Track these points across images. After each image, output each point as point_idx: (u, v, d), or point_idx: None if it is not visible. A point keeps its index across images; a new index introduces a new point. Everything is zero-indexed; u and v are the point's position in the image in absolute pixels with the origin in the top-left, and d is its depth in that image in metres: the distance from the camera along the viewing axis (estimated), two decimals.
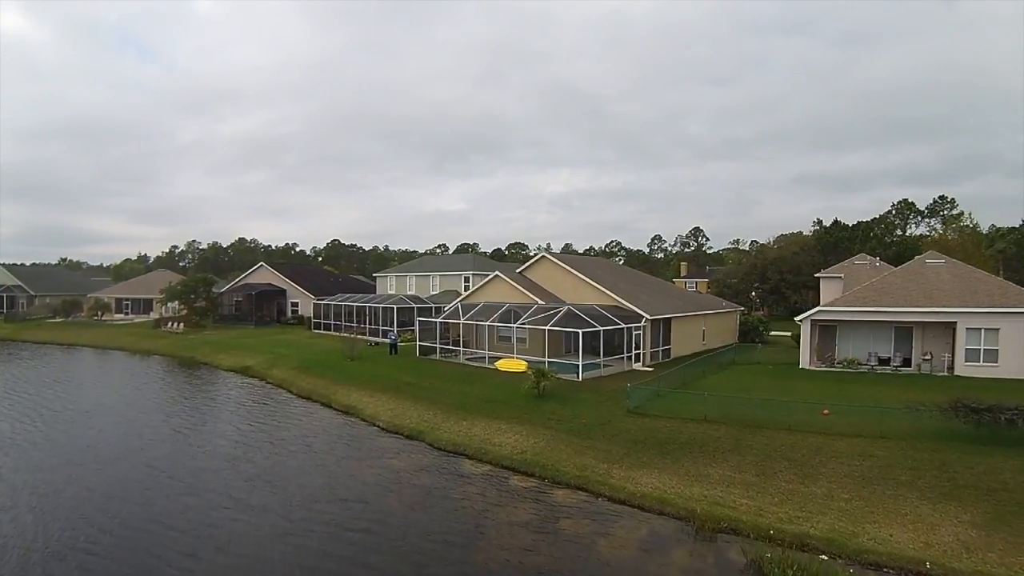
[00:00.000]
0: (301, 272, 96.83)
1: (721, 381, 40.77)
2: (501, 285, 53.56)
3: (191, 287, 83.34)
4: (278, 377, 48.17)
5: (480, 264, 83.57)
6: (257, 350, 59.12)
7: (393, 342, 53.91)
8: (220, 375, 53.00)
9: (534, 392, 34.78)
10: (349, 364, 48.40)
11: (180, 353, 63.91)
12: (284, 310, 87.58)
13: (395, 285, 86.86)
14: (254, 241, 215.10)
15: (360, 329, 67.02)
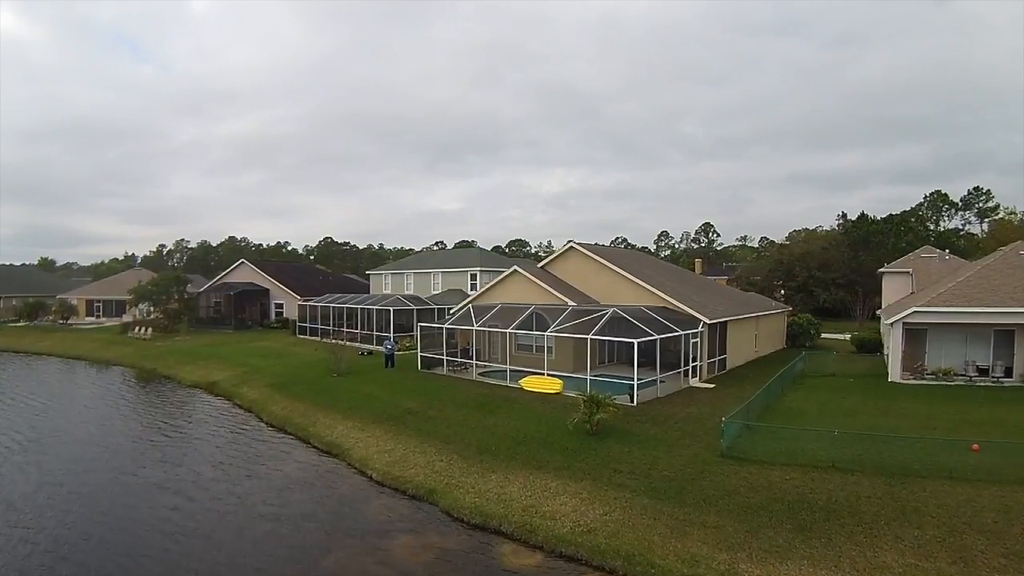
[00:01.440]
0: (286, 270, 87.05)
1: (808, 402, 31.83)
2: (521, 283, 43.74)
3: (162, 287, 73.37)
4: (248, 398, 38.49)
5: (488, 260, 73.60)
6: (229, 360, 49.87)
7: (389, 352, 44.10)
8: (180, 393, 43.39)
9: (585, 427, 25.15)
10: (335, 381, 38.73)
11: (142, 364, 54.48)
12: (268, 312, 78.09)
13: (391, 284, 76.91)
14: (244, 240, 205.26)
15: (351, 335, 58.01)
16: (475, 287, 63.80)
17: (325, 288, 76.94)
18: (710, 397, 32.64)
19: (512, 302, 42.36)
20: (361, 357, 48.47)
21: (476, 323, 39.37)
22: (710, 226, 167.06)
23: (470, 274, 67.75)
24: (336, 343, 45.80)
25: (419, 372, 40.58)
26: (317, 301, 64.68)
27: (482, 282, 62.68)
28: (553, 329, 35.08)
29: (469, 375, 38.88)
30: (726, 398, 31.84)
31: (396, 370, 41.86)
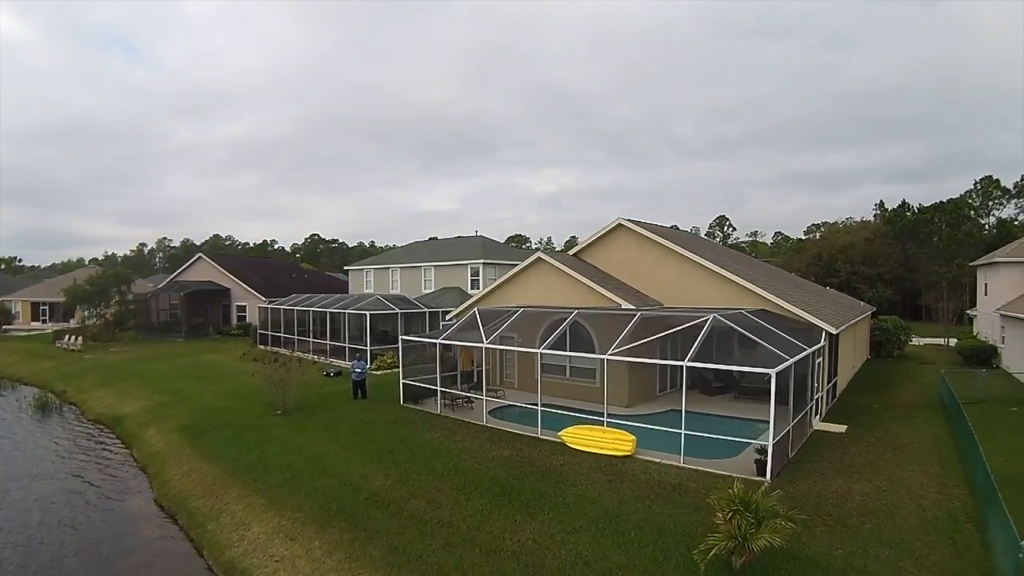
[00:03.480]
0: (252, 266, 73.84)
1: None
2: (548, 276, 30.63)
3: (98, 287, 60.14)
4: (149, 448, 25.81)
5: (493, 251, 59.25)
6: (155, 383, 37.48)
7: (359, 379, 30.31)
8: (73, 432, 31.07)
9: (728, 562, 12.28)
10: (276, 424, 25.62)
11: (54, 384, 42.26)
12: (230, 315, 65.19)
13: (374, 282, 62.69)
14: (230, 238, 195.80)
15: (318, 346, 45.12)
16: (477, 284, 51.10)
17: (297, 287, 64.09)
18: (863, 453, 20.28)
19: (537, 304, 29.60)
20: (327, 379, 35.83)
21: (486, 335, 26.02)
22: (725, 219, 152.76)
23: (470, 268, 53.81)
24: (292, 359, 31.18)
25: (401, 408, 27.33)
26: (280, 303, 51.50)
27: (486, 278, 50.18)
28: (618, 349, 21.73)
29: (476, 415, 25.41)
30: (883, 452, 20.48)
31: (368, 403, 28.66)
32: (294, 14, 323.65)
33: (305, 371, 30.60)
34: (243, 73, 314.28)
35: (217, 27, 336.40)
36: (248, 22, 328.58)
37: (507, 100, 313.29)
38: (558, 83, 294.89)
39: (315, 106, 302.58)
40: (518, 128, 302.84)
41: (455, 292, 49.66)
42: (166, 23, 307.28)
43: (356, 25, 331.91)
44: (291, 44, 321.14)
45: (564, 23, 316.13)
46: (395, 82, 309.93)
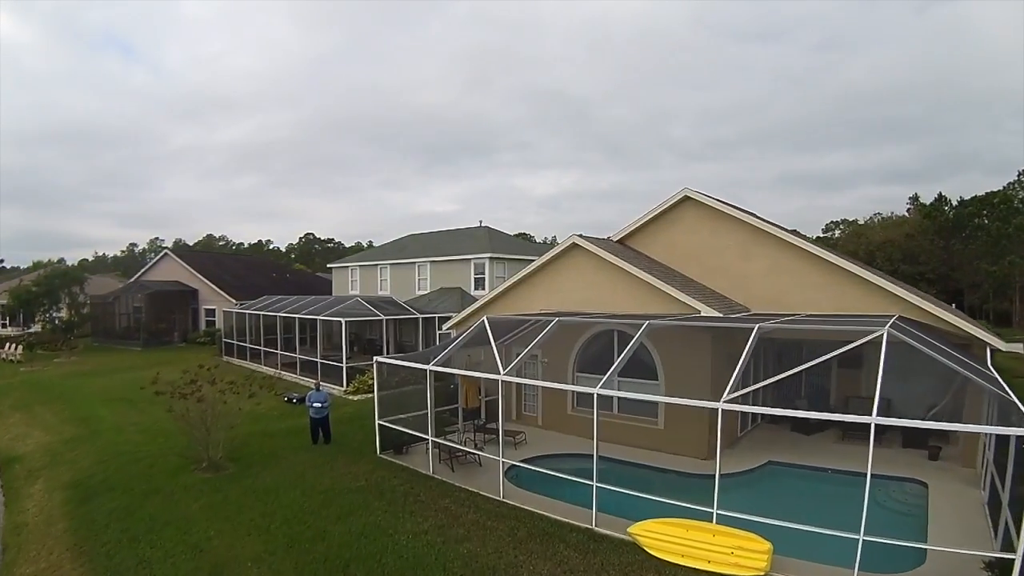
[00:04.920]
0: (225, 264, 65.60)
1: None
2: (584, 269, 22.34)
3: (46, 287, 52.02)
4: (23, 512, 17.82)
5: (502, 243, 49.17)
6: (77, 408, 30.05)
7: (319, 416, 21.65)
8: None
9: None
10: (192, 487, 17.28)
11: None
12: (198, 320, 57.07)
13: (360, 281, 53.53)
14: (223, 238, 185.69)
15: (287, 360, 36.95)
16: (483, 284, 42.14)
17: (281, 290, 55.77)
18: None
19: (571, 311, 21.51)
20: (285, 405, 27.71)
21: (503, 359, 17.66)
22: None
23: (474, 264, 44.04)
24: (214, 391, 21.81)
25: (376, 462, 18.96)
26: (246, 308, 43.21)
27: (493, 276, 41.68)
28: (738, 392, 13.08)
29: (487, 478, 16.79)
30: None
31: (331, 452, 20.28)
32: (293, 17, 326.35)
33: (261, 395, 22.21)
34: (242, 76, 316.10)
35: (216, 30, 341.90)
36: (247, 25, 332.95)
37: (506, 102, 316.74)
38: (556, 85, 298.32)
39: (313, 108, 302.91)
40: (517, 130, 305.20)
41: (455, 294, 41.05)
42: (164, 26, 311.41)
43: (355, 28, 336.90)
44: (290, 47, 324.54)
45: (562, 26, 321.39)
46: (393, 84, 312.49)
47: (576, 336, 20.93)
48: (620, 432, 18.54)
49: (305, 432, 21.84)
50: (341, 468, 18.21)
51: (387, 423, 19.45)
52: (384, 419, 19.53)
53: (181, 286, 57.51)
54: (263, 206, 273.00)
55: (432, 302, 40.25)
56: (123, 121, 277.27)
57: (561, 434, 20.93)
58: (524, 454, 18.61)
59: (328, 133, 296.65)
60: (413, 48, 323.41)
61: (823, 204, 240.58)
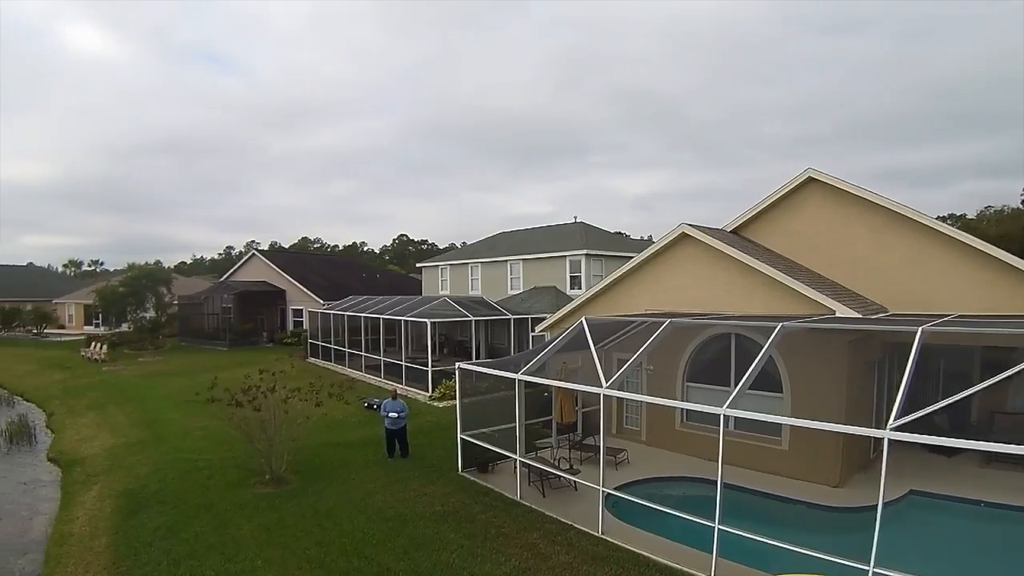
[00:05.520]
0: (312, 264, 65.48)
1: None
2: (695, 263, 19.68)
3: (132, 288, 52.62)
4: (72, 521, 16.37)
5: (598, 239, 45.76)
6: (148, 411, 29.86)
7: (395, 428, 19.65)
8: (13, 481, 21.94)
9: None
10: (247, 505, 15.53)
11: (50, 402, 34.81)
12: (286, 321, 56.73)
13: (450, 280, 51.60)
14: (318, 240, 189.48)
15: (371, 363, 35.49)
16: (578, 283, 39.44)
17: (364, 290, 54.69)
18: None
19: (685, 312, 18.98)
20: (364, 412, 26.15)
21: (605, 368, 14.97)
22: None
23: (569, 262, 41.24)
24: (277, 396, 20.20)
25: (456, 482, 16.87)
26: (331, 307, 42.16)
27: (589, 275, 38.98)
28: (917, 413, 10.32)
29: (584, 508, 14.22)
30: None
31: (407, 468, 18.31)
32: (382, 25, 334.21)
33: (331, 403, 20.02)
34: (335, 84, 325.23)
35: (307, 41, 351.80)
36: (337, 34, 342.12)
37: (594, 103, 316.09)
38: (643, 84, 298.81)
39: (406, 114, 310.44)
40: (607, 130, 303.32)
41: (549, 293, 38.75)
42: (255, 39, 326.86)
43: (442, 33, 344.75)
44: (380, 54, 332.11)
45: (644, 24, 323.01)
46: (482, 88, 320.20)
47: (686, 340, 18.34)
48: (735, 452, 15.80)
49: (381, 443, 19.93)
50: (416, 488, 16.16)
51: (470, 438, 17.25)
52: (467, 433, 17.34)
53: (268, 286, 57.40)
54: (358, 210, 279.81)
55: (525, 302, 38.16)
56: (220, 131, 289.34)
57: (668, 452, 18.39)
58: (626, 476, 16.18)
59: (421, 138, 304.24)
60: (500, 52, 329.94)
61: (922, 200, 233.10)
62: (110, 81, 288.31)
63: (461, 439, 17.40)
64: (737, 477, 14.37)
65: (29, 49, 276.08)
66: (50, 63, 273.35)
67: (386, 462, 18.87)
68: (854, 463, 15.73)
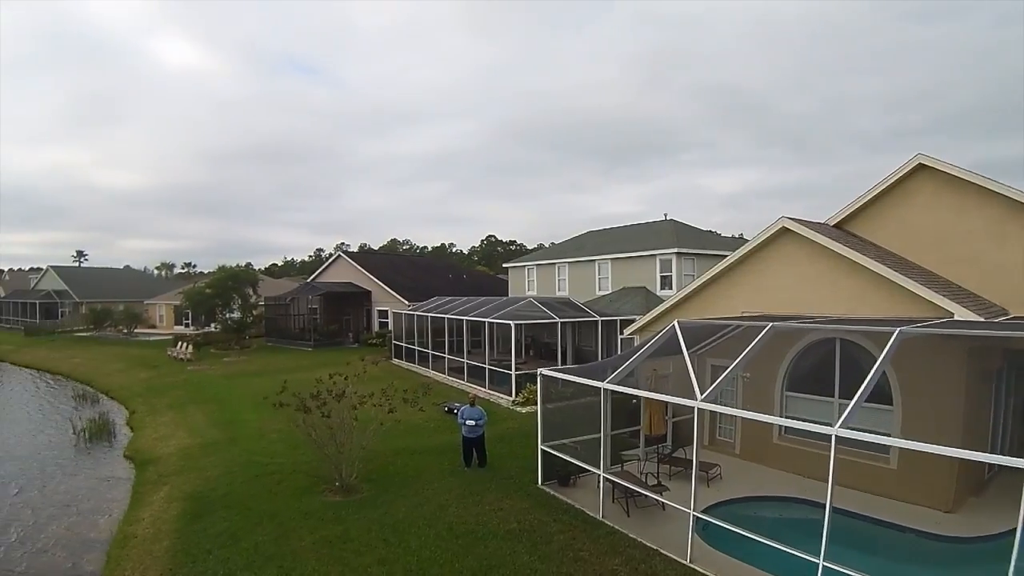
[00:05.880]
0: (399, 265, 65.48)
1: None
2: (798, 259, 17.98)
3: (218, 288, 53.90)
4: (137, 523, 16.23)
5: (689, 237, 43.85)
6: (226, 411, 29.95)
7: (472, 436, 18.60)
8: (94, 477, 22.38)
9: None
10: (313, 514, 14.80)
11: (133, 401, 35.33)
12: (371, 322, 56.77)
13: (537, 281, 50.50)
14: (407, 242, 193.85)
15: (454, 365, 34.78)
16: (669, 283, 37.84)
17: (450, 291, 53.86)
18: None
19: (786, 314, 17.33)
20: (444, 417, 25.31)
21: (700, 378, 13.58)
22: None
23: (659, 261, 39.44)
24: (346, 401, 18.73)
25: (535, 496, 15.69)
26: (415, 308, 41.72)
27: (681, 275, 37.34)
28: None
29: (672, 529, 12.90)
30: None
31: (484, 479, 17.22)
32: (468, 29, 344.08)
33: (404, 409, 18.85)
34: (424, 89, 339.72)
35: (394, 48, 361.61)
36: (424, 41, 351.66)
37: (683, 100, 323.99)
38: (733, 81, 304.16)
39: (494, 116, 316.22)
40: (697, 128, 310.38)
41: (639, 294, 37.29)
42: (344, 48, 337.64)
43: (528, 35, 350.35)
44: (467, 58, 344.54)
45: (731, 19, 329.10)
46: (569, 88, 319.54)
47: (785, 345, 16.83)
48: (825, 467, 14.40)
49: (458, 451, 18.94)
50: (491, 502, 15.09)
51: (551, 449, 16.08)
52: (547, 443, 16.17)
53: (354, 287, 57.58)
54: (447, 211, 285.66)
55: (613, 303, 36.78)
56: (312, 137, 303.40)
57: (764, 467, 16.96)
58: (718, 495, 14.78)
59: (509, 140, 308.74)
60: (586, 52, 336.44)
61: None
62: (203, 92, 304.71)
63: (541, 450, 16.27)
64: (837, 498, 12.97)
65: (125, 63, 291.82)
66: (146, 77, 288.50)
67: (462, 472, 17.88)
68: (967, 486, 14.08)
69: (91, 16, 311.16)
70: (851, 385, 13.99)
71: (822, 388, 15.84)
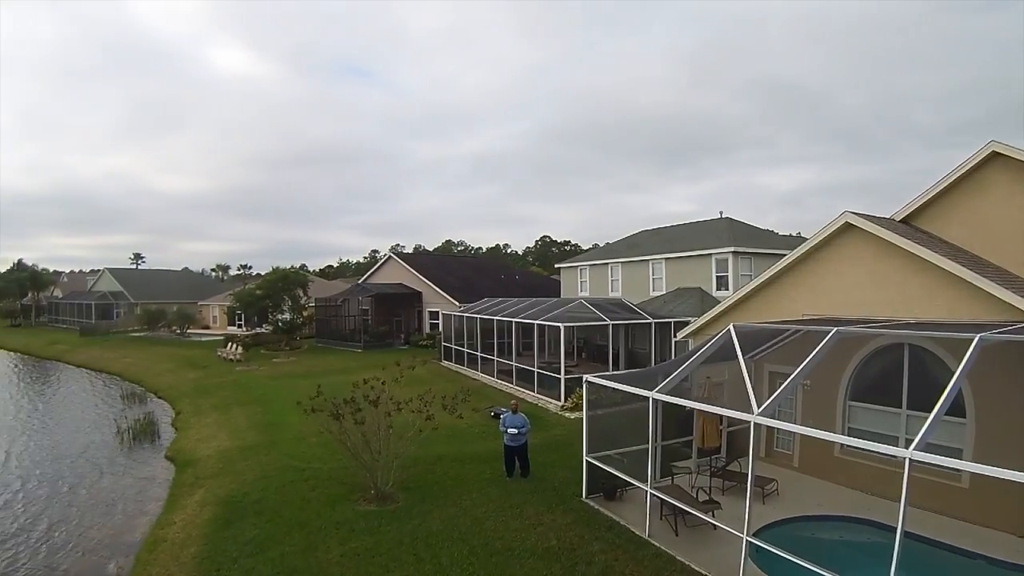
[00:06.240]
0: (449, 266, 64.97)
1: None
2: (863, 257, 16.49)
3: (268, 290, 54.36)
4: (169, 527, 16.02)
5: (746, 236, 41.34)
6: (269, 413, 29.75)
7: (515, 444, 17.79)
8: (136, 476, 22.91)
9: None
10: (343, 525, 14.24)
11: (180, 401, 35.80)
12: (422, 323, 56.49)
13: (589, 282, 49.30)
14: (461, 243, 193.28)
15: (503, 367, 34.13)
16: (725, 283, 36.37)
17: (501, 291, 53.52)
18: None
19: (850, 317, 16.12)
20: (490, 422, 24.52)
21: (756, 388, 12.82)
22: None
23: (715, 260, 37.84)
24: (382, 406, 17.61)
25: (578, 510, 14.77)
26: (464, 309, 41.23)
27: (737, 275, 35.91)
28: None
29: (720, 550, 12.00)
30: None
31: (526, 491, 16.29)
32: (518, 31, 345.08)
33: (459, 414, 18.28)
34: (476, 92, 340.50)
35: (445, 52, 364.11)
36: (476, 43, 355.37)
37: (736, 97, 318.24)
38: (786, 77, 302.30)
39: (546, 117, 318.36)
40: (752, 125, 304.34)
41: (694, 295, 36.10)
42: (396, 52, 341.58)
43: (578, 35, 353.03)
44: (519, 60, 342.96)
45: (783, 14, 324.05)
46: (621, 88, 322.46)
47: (849, 351, 15.74)
48: (893, 485, 13.23)
49: (493, 465, 18.29)
50: (531, 516, 14.33)
51: (596, 460, 15.18)
52: (593, 455, 15.29)
53: (405, 288, 57.45)
54: (501, 212, 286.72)
55: (667, 304, 35.68)
56: (367, 140, 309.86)
57: (824, 482, 15.88)
58: (774, 512, 13.78)
59: (563, 140, 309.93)
60: (636, 50, 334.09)
61: None
62: (260, 98, 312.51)
63: (587, 461, 15.39)
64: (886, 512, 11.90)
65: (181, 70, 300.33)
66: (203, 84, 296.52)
67: (504, 482, 17.13)
68: None
69: (149, 27, 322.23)
70: (920, 395, 12.98)
71: (888, 398, 14.74)
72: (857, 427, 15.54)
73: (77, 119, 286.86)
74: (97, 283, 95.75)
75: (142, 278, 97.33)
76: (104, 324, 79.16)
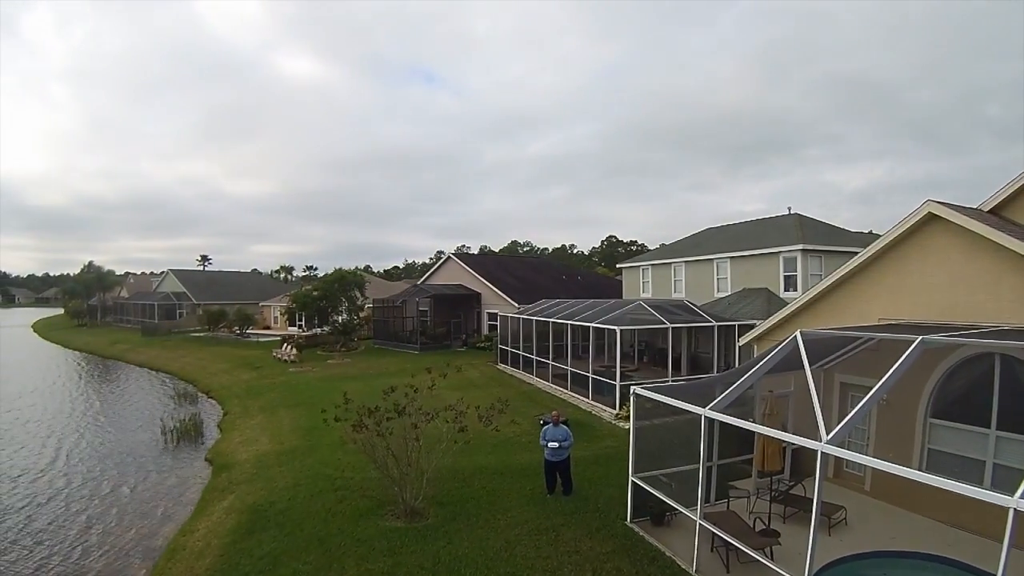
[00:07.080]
0: (509, 266, 64.20)
1: None
2: (949, 254, 14.43)
3: (324, 291, 54.84)
4: (193, 534, 15.75)
5: (816, 233, 39.04)
6: (316, 413, 26.25)
7: (555, 460, 16.49)
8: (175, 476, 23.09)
9: None
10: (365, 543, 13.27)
11: (229, 402, 36.01)
12: (481, 324, 55.84)
13: (652, 282, 47.73)
14: (528, 243, 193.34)
15: (558, 371, 33.03)
16: (794, 283, 34.70)
17: (561, 292, 52.42)
18: None
19: (935, 323, 14.24)
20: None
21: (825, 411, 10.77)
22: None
23: (783, 259, 35.99)
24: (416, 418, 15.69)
25: (621, 535, 13.43)
26: (521, 311, 40.27)
27: (807, 274, 34.15)
28: None
29: None
30: None
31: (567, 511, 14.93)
32: (584, 31, 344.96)
33: (495, 427, 16.97)
34: (545, 93, 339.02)
35: (514, 54, 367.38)
36: (542, 45, 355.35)
37: (807, 94, 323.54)
38: (857, 73, 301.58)
39: (615, 118, 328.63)
40: (821, 122, 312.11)
41: (760, 296, 34.31)
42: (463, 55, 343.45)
43: (646, 35, 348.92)
44: (586, 61, 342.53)
45: (855, 9, 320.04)
46: (689, 87, 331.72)
47: (932, 362, 13.97)
48: (983, 519, 11.40)
49: (533, 479, 17.11)
50: (568, 541, 13.11)
51: (643, 481, 13.82)
52: (639, 475, 13.96)
53: (464, 289, 56.95)
54: (570, 214, 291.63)
55: (732, 306, 34.07)
56: (437, 144, 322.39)
57: (900, 510, 14.12)
58: (841, 545, 12.21)
59: (631, 141, 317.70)
60: (704, 49, 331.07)
61: None
62: (330, 104, 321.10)
63: (632, 482, 14.05)
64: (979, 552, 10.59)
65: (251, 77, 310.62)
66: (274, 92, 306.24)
67: (544, 499, 15.92)
68: None
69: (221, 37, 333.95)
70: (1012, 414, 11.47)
71: (976, 416, 13.09)
72: (939, 448, 13.82)
73: (152, 127, 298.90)
74: (161, 284, 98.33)
75: (205, 279, 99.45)
76: (166, 324, 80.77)
